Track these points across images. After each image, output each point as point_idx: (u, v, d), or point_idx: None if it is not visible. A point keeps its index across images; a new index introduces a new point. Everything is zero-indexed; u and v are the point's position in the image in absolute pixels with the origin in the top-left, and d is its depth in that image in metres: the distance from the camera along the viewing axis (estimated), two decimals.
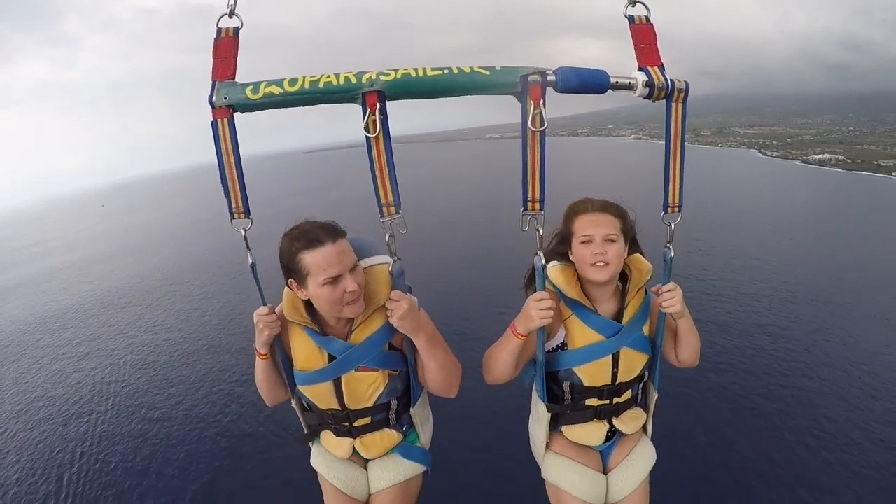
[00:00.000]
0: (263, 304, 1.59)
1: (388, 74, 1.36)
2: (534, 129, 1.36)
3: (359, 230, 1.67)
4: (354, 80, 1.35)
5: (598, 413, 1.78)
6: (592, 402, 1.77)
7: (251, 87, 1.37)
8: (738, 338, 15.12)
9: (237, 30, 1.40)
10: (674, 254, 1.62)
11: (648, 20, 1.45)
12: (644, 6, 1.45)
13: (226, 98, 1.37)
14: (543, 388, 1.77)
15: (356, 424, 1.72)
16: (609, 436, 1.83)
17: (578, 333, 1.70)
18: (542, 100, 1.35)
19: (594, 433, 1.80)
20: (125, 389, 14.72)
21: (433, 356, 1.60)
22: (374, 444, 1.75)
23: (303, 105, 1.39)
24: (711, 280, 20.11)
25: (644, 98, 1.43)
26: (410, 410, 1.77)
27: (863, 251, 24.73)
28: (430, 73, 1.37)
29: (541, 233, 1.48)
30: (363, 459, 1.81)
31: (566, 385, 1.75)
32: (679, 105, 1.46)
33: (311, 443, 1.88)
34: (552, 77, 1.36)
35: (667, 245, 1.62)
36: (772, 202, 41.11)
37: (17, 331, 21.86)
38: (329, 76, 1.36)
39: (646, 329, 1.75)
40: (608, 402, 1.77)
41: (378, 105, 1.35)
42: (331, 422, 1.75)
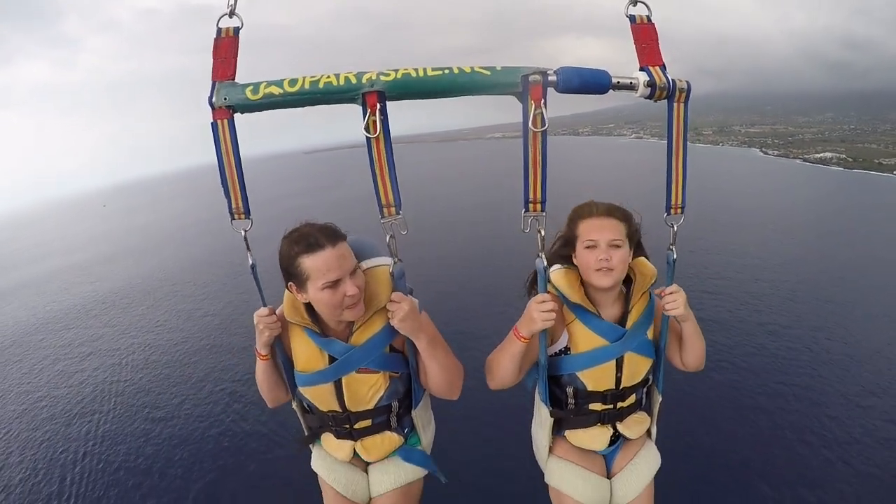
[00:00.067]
0: (264, 305, 1.59)
1: (389, 75, 1.35)
2: (535, 130, 1.35)
3: (359, 231, 1.67)
4: (354, 81, 1.34)
5: (602, 418, 1.76)
6: (596, 407, 1.75)
7: (251, 88, 1.36)
8: (740, 336, 15.09)
9: (237, 30, 1.40)
10: (677, 255, 1.60)
11: (650, 20, 1.44)
12: (645, 6, 1.43)
13: (226, 99, 1.37)
14: (546, 392, 1.75)
15: (357, 427, 1.71)
16: (613, 440, 1.81)
17: (582, 338, 1.68)
18: (543, 100, 1.34)
19: (598, 438, 1.78)
20: (128, 389, 14.73)
21: (435, 358, 1.59)
22: (375, 447, 1.74)
23: (303, 105, 1.38)
24: (712, 279, 20.06)
25: (646, 98, 1.42)
26: (412, 413, 1.76)
27: (864, 250, 24.65)
28: (431, 74, 1.36)
29: (542, 234, 1.47)
30: (364, 462, 1.80)
31: (569, 389, 1.74)
32: (681, 105, 1.45)
33: (312, 445, 1.87)
34: (553, 77, 1.35)
35: (670, 247, 1.60)
36: (773, 201, 40.97)
37: (20, 331, 21.87)
38: (329, 76, 1.35)
39: (650, 333, 1.73)
40: (612, 407, 1.75)
41: (378, 105, 1.34)
42: (331, 424, 1.74)
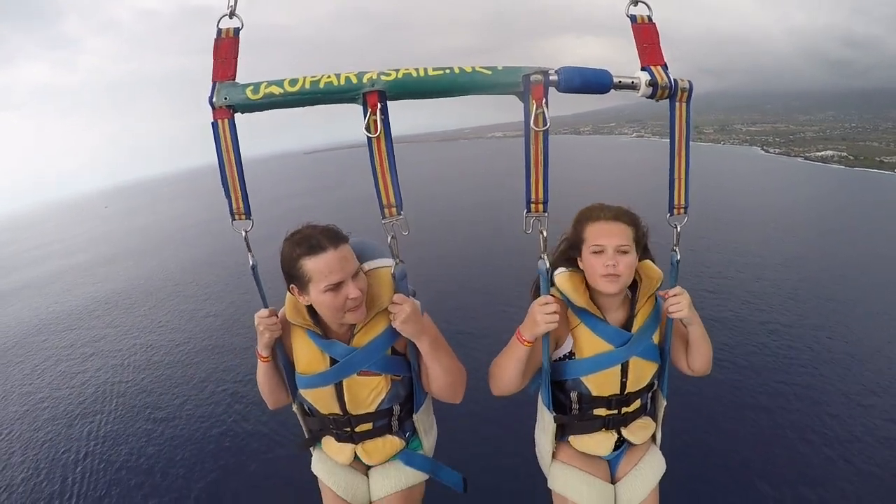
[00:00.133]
0: (265, 306, 1.58)
1: (389, 74, 1.35)
2: (536, 129, 1.34)
3: (360, 231, 1.65)
4: (355, 80, 1.34)
5: (607, 423, 1.74)
6: (600, 412, 1.72)
7: (251, 88, 1.36)
8: (741, 335, 15.06)
9: (237, 30, 1.40)
10: (680, 256, 1.57)
11: (650, 19, 1.43)
12: (646, 5, 1.43)
13: (226, 98, 1.36)
14: (549, 397, 1.73)
15: (358, 430, 1.70)
16: (617, 445, 1.79)
17: (587, 342, 1.66)
18: (545, 99, 1.33)
19: (602, 443, 1.76)
20: (130, 390, 14.75)
21: (437, 360, 1.57)
22: (376, 451, 1.73)
23: (303, 105, 1.38)
24: (713, 277, 20.03)
25: (647, 98, 1.41)
26: (413, 417, 1.74)
27: (865, 248, 24.59)
28: (432, 73, 1.36)
29: (544, 235, 1.45)
30: (365, 466, 1.78)
31: (574, 395, 1.71)
32: (683, 105, 1.44)
33: (313, 448, 1.86)
34: (554, 77, 1.34)
35: (673, 248, 1.58)
36: (774, 199, 40.90)
37: (22, 333, 21.90)
38: (330, 76, 1.35)
39: (655, 337, 1.70)
40: (616, 412, 1.72)
41: (379, 105, 1.33)
42: (332, 427, 1.72)
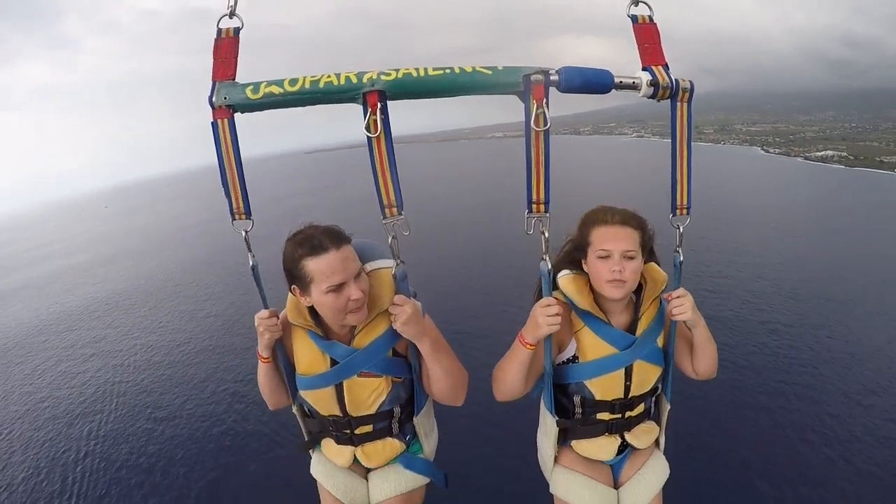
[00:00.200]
0: (265, 307, 1.58)
1: (389, 74, 1.34)
2: (537, 129, 1.34)
3: (361, 231, 1.64)
4: (355, 80, 1.33)
5: (610, 427, 1.72)
6: (604, 417, 1.70)
7: (251, 87, 1.36)
8: (741, 335, 15.06)
9: (237, 30, 1.39)
10: (683, 258, 1.56)
11: (651, 19, 1.42)
12: (647, 5, 1.42)
13: (226, 98, 1.36)
14: (551, 401, 1.70)
15: (357, 432, 1.69)
16: (621, 450, 1.76)
17: (590, 346, 1.63)
18: (546, 99, 1.33)
19: (605, 448, 1.74)
20: (130, 390, 14.75)
21: (438, 362, 1.56)
22: (376, 454, 1.71)
23: (303, 105, 1.38)
24: (714, 277, 20.03)
25: (648, 98, 1.40)
26: (414, 419, 1.73)
27: (865, 248, 24.58)
28: (432, 73, 1.35)
29: (546, 236, 1.44)
30: (364, 469, 1.77)
31: (577, 399, 1.69)
32: (684, 105, 1.44)
33: (312, 451, 1.85)
34: (555, 77, 1.34)
35: (676, 249, 1.56)
36: (774, 199, 40.90)
37: (22, 333, 21.90)
38: (330, 76, 1.35)
39: (660, 340, 1.68)
40: (620, 416, 1.70)
41: (379, 105, 1.33)
42: (332, 429, 1.71)
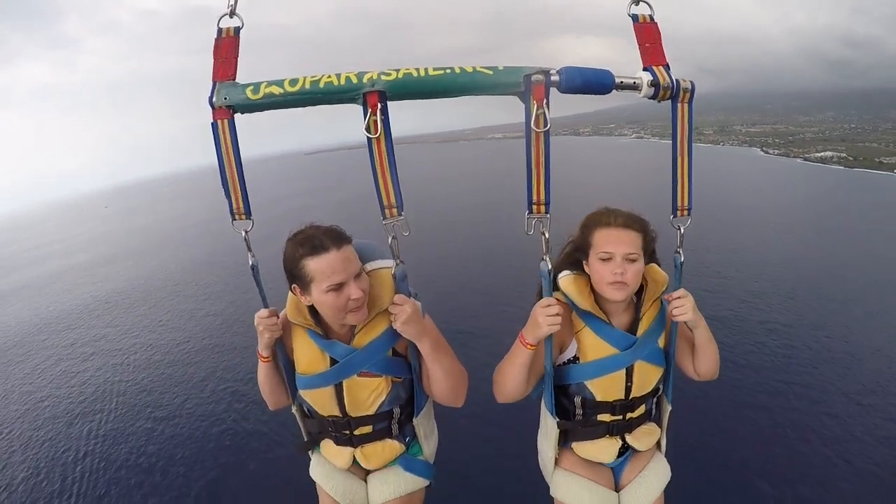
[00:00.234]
0: (265, 306, 1.58)
1: (390, 74, 1.34)
2: (537, 130, 1.33)
3: (361, 232, 1.64)
4: (355, 80, 1.33)
5: (611, 429, 1.71)
6: (605, 418, 1.69)
7: (251, 88, 1.36)
8: (740, 334, 15.10)
9: (238, 30, 1.39)
10: (684, 258, 1.55)
11: (652, 19, 1.42)
12: (648, 5, 1.41)
13: (226, 98, 1.36)
14: (552, 402, 1.69)
15: (357, 433, 1.68)
16: (622, 452, 1.75)
17: (591, 346, 1.63)
18: (546, 100, 1.32)
19: (606, 450, 1.72)
20: (130, 389, 14.76)
21: (439, 362, 1.55)
22: (375, 455, 1.71)
23: (303, 105, 1.37)
24: (713, 277, 20.08)
25: (649, 98, 1.39)
26: (414, 421, 1.72)
27: (864, 248, 24.65)
28: (432, 73, 1.35)
29: (546, 237, 1.43)
30: (363, 471, 1.77)
31: (577, 400, 1.68)
32: (685, 105, 1.43)
33: (311, 452, 1.84)
34: (556, 77, 1.33)
35: (677, 250, 1.56)
36: (774, 200, 40.98)
37: (22, 332, 21.92)
38: (330, 76, 1.34)
39: (661, 341, 1.67)
40: (621, 418, 1.69)
41: (379, 105, 1.32)
42: (331, 429, 1.71)
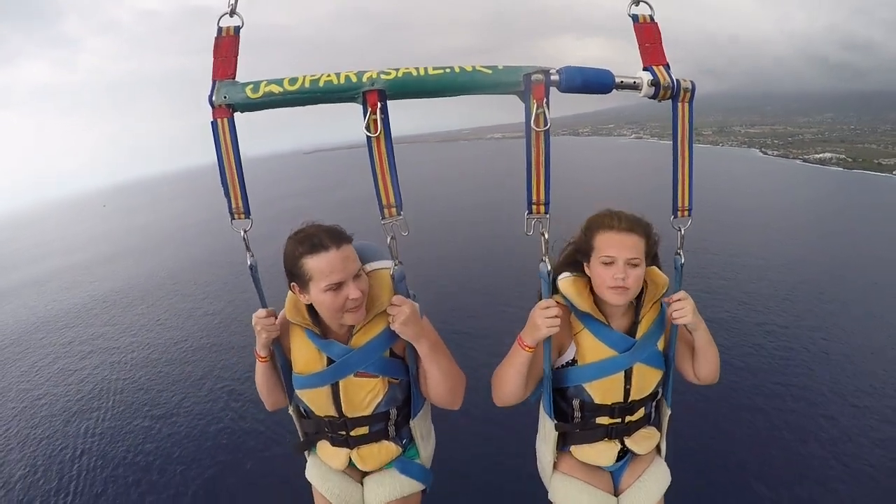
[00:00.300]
0: (263, 306, 1.57)
1: (389, 73, 1.34)
2: (537, 130, 1.33)
3: (360, 231, 1.64)
4: (355, 79, 1.33)
5: (609, 432, 1.70)
6: (603, 421, 1.68)
7: (251, 87, 1.36)
8: (737, 336, 15.08)
9: (238, 29, 1.39)
10: (684, 260, 1.54)
11: (653, 19, 1.42)
12: (648, 5, 1.42)
13: (226, 97, 1.36)
14: (550, 404, 1.68)
15: (353, 434, 1.68)
16: (621, 456, 1.74)
17: (590, 348, 1.62)
18: (546, 99, 1.32)
19: (605, 453, 1.71)
20: (128, 387, 14.73)
21: (436, 364, 1.55)
22: (372, 456, 1.70)
23: (303, 104, 1.37)
24: (711, 279, 20.06)
25: (649, 98, 1.39)
26: (410, 422, 1.71)
27: (863, 250, 24.66)
28: (432, 73, 1.35)
29: (546, 237, 1.43)
30: (360, 473, 1.76)
31: (576, 402, 1.67)
32: (685, 105, 1.43)
33: (308, 453, 1.84)
34: (556, 76, 1.33)
35: (677, 251, 1.54)
36: (773, 201, 41.01)
37: (20, 330, 21.87)
38: (329, 75, 1.34)
39: (660, 344, 1.66)
40: (620, 421, 1.68)
41: (379, 104, 1.32)
42: (327, 430, 1.70)
